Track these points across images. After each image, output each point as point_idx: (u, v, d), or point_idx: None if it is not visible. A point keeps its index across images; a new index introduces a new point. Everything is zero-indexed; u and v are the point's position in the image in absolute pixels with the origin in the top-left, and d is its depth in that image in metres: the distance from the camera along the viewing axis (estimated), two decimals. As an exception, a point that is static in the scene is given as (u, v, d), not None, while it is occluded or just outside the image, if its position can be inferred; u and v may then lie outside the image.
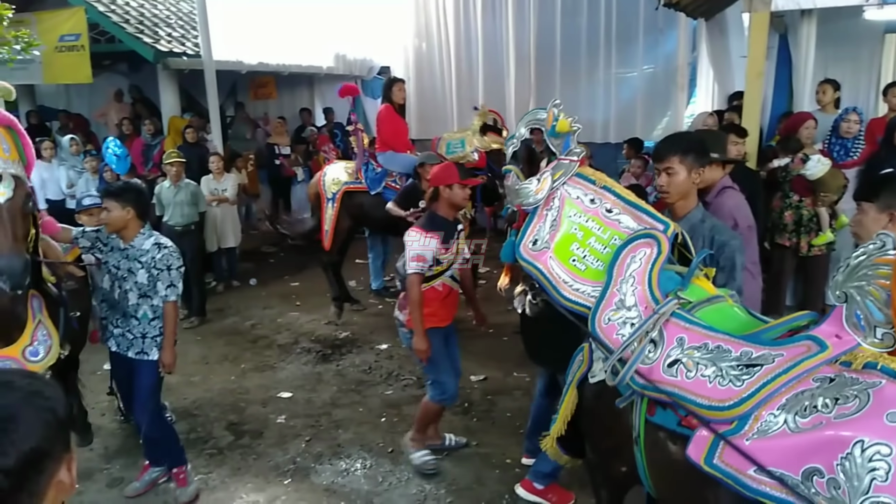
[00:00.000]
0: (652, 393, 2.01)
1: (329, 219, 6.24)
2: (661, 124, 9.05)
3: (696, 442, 1.86)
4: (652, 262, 2.17)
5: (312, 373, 5.21)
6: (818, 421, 1.64)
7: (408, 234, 3.58)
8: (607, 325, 2.16)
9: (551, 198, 2.45)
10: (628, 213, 2.34)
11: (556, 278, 2.35)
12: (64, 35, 8.24)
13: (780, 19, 5.95)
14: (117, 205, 3.38)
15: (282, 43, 9.66)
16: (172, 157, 6.34)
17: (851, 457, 1.54)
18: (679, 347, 1.99)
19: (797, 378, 1.74)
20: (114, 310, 3.53)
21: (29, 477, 0.93)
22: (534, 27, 9.44)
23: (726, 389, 1.83)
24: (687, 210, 2.66)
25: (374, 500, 3.55)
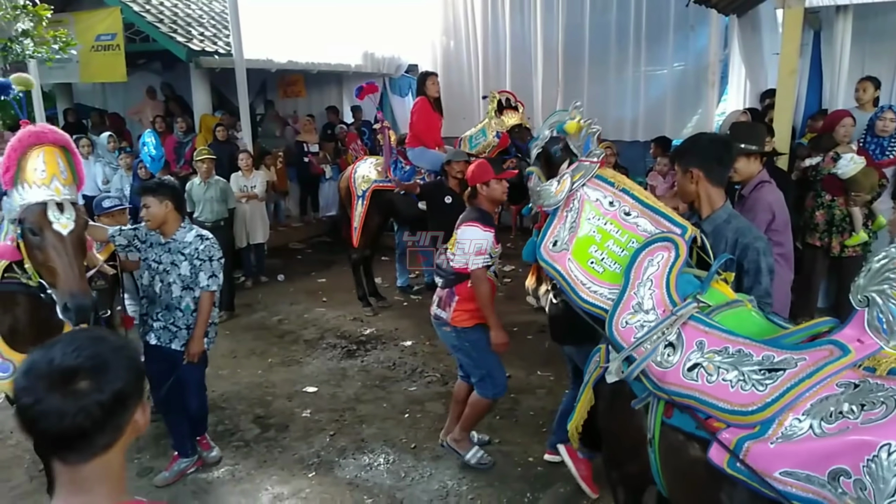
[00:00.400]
0: (672, 397, 2.01)
1: (358, 216, 6.32)
2: (690, 122, 8.94)
3: (717, 446, 1.85)
4: (670, 265, 2.17)
5: (337, 368, 5.27)
6: (844, 426, 1.65)
7: (465, 228, 3.53)
8: (625, 329, 2.17)
9: (571, 199, 2.45)
10: (646, 217, 2.34)
11: (574, 280, 2.36)
12: (100, 34, 8.45)
13: (815, 16, 5.81)
14: (155, 200, 3.48)
15: (311, 41, 9.75)
16: (203, 154, 6.46)
17: (878, 459, 1.55)
18: (699, 351, 1.98)
19: (820, 383, 1.73)
20: (154, 304, 3.60)
21: (116, 412, 1.14)
22: (562, 24, 9.39)
23: (749, 394, 1.82)
24: (711, 210, 2.62)
25: (397, 495, 3.59)
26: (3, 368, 2.96)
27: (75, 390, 1.09)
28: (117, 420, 1.15)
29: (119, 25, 8.35)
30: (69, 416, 1.08)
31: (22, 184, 2.74)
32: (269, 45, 8.95)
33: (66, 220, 2.74)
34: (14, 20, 6.16)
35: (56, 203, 2.74)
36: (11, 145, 2.75)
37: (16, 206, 2.77)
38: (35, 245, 2.74)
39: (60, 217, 2.74)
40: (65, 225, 2.73)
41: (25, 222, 2.74)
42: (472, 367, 3.71)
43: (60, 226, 2.73)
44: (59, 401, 1.08)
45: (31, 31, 6.19)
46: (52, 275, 2.74)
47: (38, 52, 6.31)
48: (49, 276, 2.76)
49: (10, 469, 3.89)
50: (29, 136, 2.74)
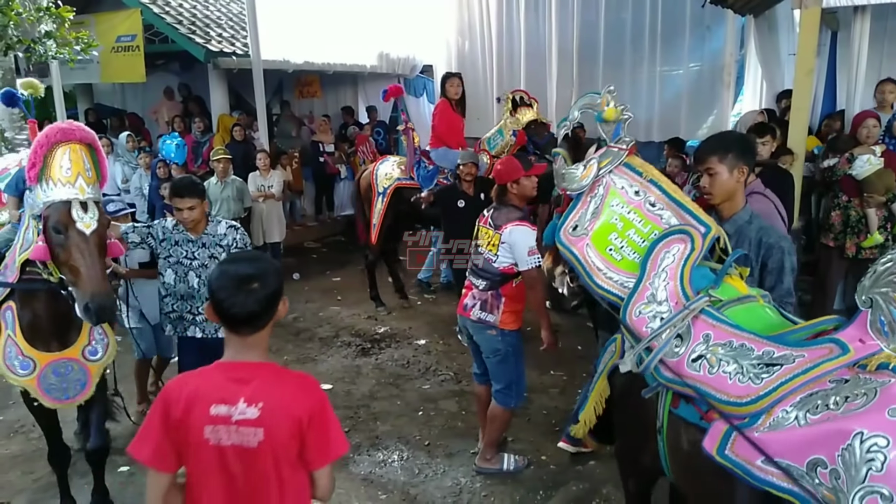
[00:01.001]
0: (676, 386, 2.06)
1: (378, 213, 6.37)
2: (706, 123, 8.89)
3: (711, 434, 1.92)
4: (685, 258, 2.18)
5: (352, 366, 5.33)
6: (826, 417, 1.70)
7: (514, 228, 3.45)
8: (638, 318, 2.19)
9: (596, 185, 2.43)
10: (671, 210, 2.32)
11: (590, 265, 2.37)
12: (120, 36, 8.60)
13: (833, 16, 5.79)
14: (198, 200, 3.50)
15: (327, 42, 9.83)
16: (219, 154, 6.55)
17: (851, 448, 1.59)
18: (704, 343, 2.02)
19: (815, 379, 1.77)
20: (193, 299, 3.60)
21: (272, 304, 1.76)
22: (577, 24, 9.38)
23: (745, 386, 1.88)
24: (733, 211, 2.60)
25: (411, 491, 3.63)
26: (24, 366, 3.00)
27: (251, 289, 1.72)
28: (272, 308, 1.77)
29: (139, 27, 8.48)
30: (248, 305, 1.71)
31: (47, 180, 2.73)
32: (285, 45, 9.04)
33: (90, 220, 2.75)
34: (37, 22, 6.28)
35: (80, 202, 2.74)
36: (38, 141, 2.74)
37: (39, 202, 2.77)
38: (58, 243, 2.75)
39: (84, 216, 2.74)
40: (88, 224, 2.74)
41: (50, 220, 2.74)
42: (501, 373, 3.61)
43: (84, 225, 2.73)
44: (243, 296, 1.71)
45: (53, 32, 6.31)
46: (74, 274, 2.74)
47: (60, 53, 6.42)
48: (71, 274, 2.76)
49: (33, 462, 3.97)
50: (56, 133, 2.73)
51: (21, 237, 3.00)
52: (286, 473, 1.75)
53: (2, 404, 4.72)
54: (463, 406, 4.56)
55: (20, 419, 4.45)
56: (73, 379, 3.07)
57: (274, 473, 1.74)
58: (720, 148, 2.54)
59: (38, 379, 3.00)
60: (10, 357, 3.00)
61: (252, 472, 1.73)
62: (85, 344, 3.12)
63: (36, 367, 3.01)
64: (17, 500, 3.67)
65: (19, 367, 3.00)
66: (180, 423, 1.71)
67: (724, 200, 2.60)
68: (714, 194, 2.58)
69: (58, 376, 3.03)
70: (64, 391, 3.06)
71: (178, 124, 9.04)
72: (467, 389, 4.80)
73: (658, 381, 2.13)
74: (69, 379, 3.06)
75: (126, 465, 3.93)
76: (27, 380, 3.01)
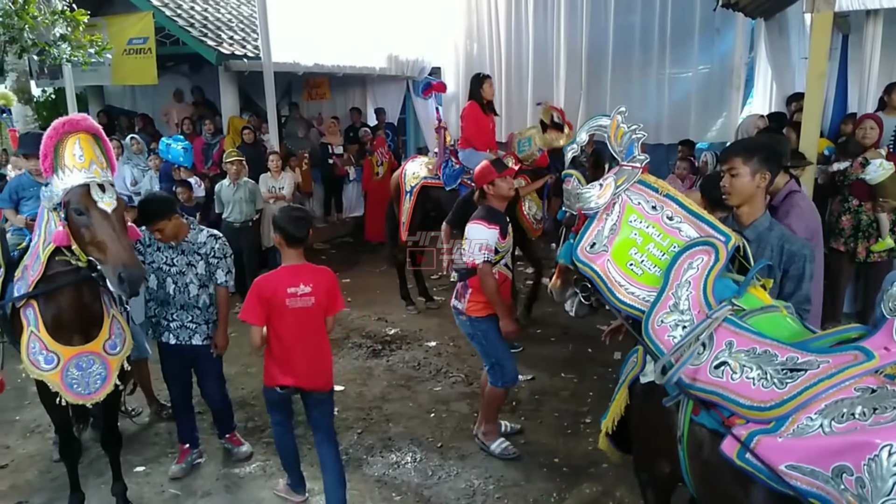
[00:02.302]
0: (699, 393, 2.07)
1: (406, 211, 6.44)
2: (715, 126, 8.91)
3: (729, 439, 1.93)
4: (709, 269, 2.20)
5: (363, 367, 5.36)
6: (853, 427, 1.71)
7: (471, 226, 3.77)
8: (660, 327, 2.21)
9: (612, 203, 2.47)
10: (689, 223, 2.35)
11: (611, 280, 2.39)
12: (132, 38, 8.65)
13: (844, 19, 5.78)
14: (165, 220, 3.54)
15: (336, 45, 9.87)
16: (232, 156, 6.58)
17: (878, 459, 1.60)
18: (727, 350, 2.04)
19: (839, 385, 1.79)
20: (168, 305, 3.68)
21: (305, 239, 3.24)
22: (586, 26, 9.40)
23: (769, 391, 1.89)
24: (753, 217, 2.62)
25: (424, 493, 3.65)
26: (49, 360, 3.07)
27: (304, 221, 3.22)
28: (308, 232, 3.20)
29: (151, 29, 8.53)
30: (304, 230, 3.20)
31: (62, 169, 2.83)
32: (295, 48, 9.07)
33: (109, 199, 2.84)
34: (52, 25, 6.35)
35: (97, 184, 2.83)
36: (48, 134, 2.84)
37: (57, 191, 2.86)
38: (82, 224, 2.83)
39: (104, 196, 2.83)
40: (108, 203, 2.83)
41: (71, 204, 2.82)
42: (484, 356, 3.97)
43: (105, 204, 2.82)
44: (304, 226, 3.20)
45: (68, 35, 6.38)
46: (101, 250, 2.82)
47: (74, 56, 6.49)
48: (98, 252, 2.83)
49: (50, 461, 4.02)
50: (63, 125, 2.83)
51: (42, 233, 3.06)
52: (321, 319, 3.32)
53: (18, 405, 4.77)
54: (475, 408, 4.57)
55: (36, 419, 4.50)
56: (95, 373, 3.15)
57: (319, 319, 3.31)
58: (745, 150, 2.56)
59: (62, 373, 3.08)
60: (34, 352, 3.07)
61: (309, 320, 3.26)
62: (106, 338, 3.20)
63: (60, 362, 3.07)
64: (34, 499, 3.71)
65: (44, 361, 3.07)
66: (270, 300, 3.19)
67: (741, 203, 2.60)
68: (732, 194, 2.60)
69: (80, 370, 3.10)
70: (86, 386, 3.13)
71: (188, 126, 9.09)
72: (478, 392, 4.81)
73: (680, 390, 2.14)
74: (91, 373, 3.13)
75: (142, 466, 3.98)
76: (51, 374, 3.08)
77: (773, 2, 6.54)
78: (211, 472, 3.92)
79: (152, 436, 4.35)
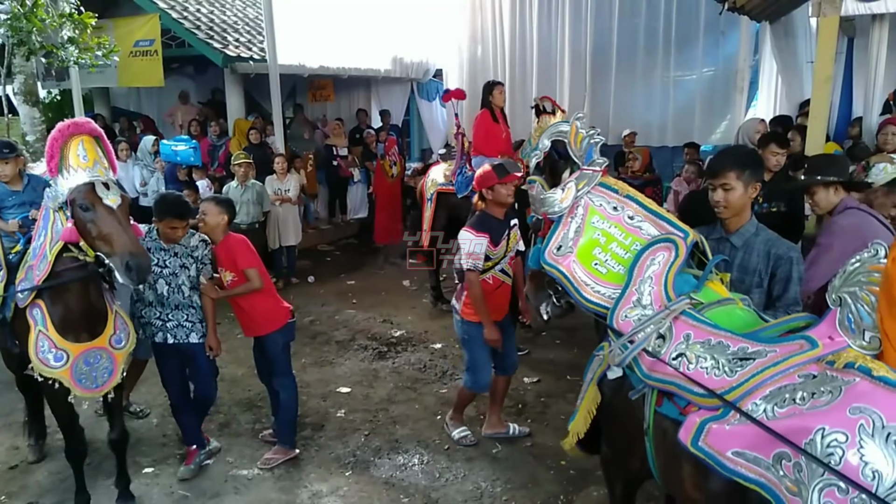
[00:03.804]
0: (659, 384, 2.17)
1: (427, 218, 6.51)
2: (719, 128, 8.93)
3: (685, 426, 2.01)
4: (669, 264, 2.31)
5: (369, 369, 5.37)
6: (792, 412, 1.77)
7: (461, 234, 3.85)
8: (624, 322, 2.32)
9: (575, 206, 2.57)
10: (650, 221, 2.46)
11: (577, 280, 2.50)
12: (139, 40, 8.69)
13: (850, 23, 5.81)
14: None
15: (341, 47, 9.91)
16: (241, 158, 6.61)
17: (813, 443, 1.65)
18: (685, 342, 2.14)
19: (784, 373, 1.86)
20: (163, 306, 3.72)
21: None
22: (590, 29, 9.42)
23: (720, 380, 1.97)
24: (740, 224, 2.65)
25: (432, 495, 3.67)
26: (58, 358, 3.13)
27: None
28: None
29: (157, 32, 8.57)
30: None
31: (67, 169, 2.92)
32: (301, 50, 9.12)
33: (114, 196, 2.94)
34: (59, 28, 6.38)
35: (102, 182, 2.92)
36: (53, 136, 2.93)
37: (63, 190, 2.94)
38: (88, 220, 2.91)
39: (108, 193, 2.92)
40: (113, 200, 2.93)
41: (77, 201, 2.91)
42: (465, 356, 4.13)
43: (110, 201, 2.92)
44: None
45: (76, 38, 6.40)
46: (108, 243, 2.90)
47: (81, 58, 6.52)
48: (105, 245, 2.91)
49: (60, 462, 4.02)
50: (68, 127, 2.93)
51: (49, 233, 3.11)
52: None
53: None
54: (480, 410, 4.59)
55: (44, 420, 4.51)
56: (102, 367, 3.23)
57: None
58: (738, 164, 2.58)
59: (71, 369, 3.14)
60: (43, 350, 3.13)
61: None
62: (111, 334, 3.27)
63: (69, 358, 3.14)
64: (44, 499, 3.73)
65: (53, 359, 3.13)
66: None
67: (733, 215, 2.64)
68: (728, 208, 2.61)
69: (88, 365, 3.18)
70: (94, 380, 3.21)
71: (195, 128, 9.12)
72: (483, 395, 4.83)
73: (644, 382, 2.24)
74: (98, 367, 3.21)
75: (150, 467, 4.00)
76: (61, 371, 3.13)
77: (779, 5, 6.55)
78: (219, 473, 3.93)
79: (160, 437, 4.37)
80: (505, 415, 4.42)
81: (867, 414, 1.60)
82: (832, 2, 4.58)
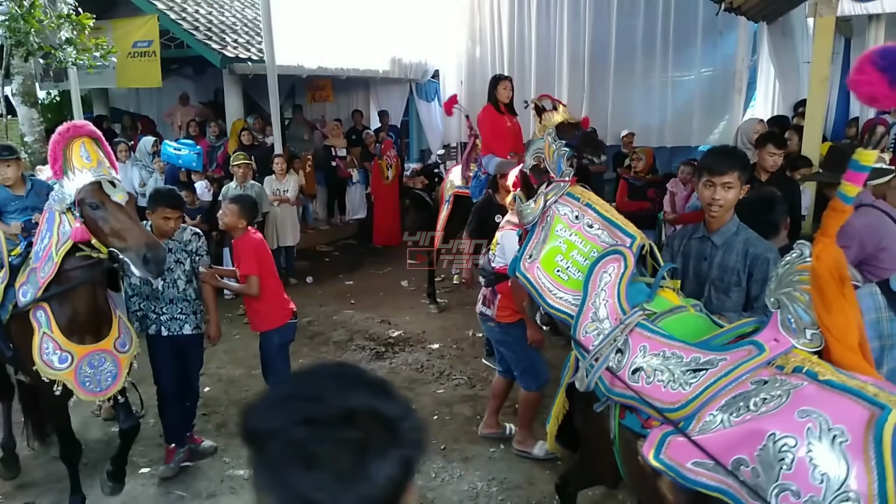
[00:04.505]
0: (621, 399, 2.19)
1: (442, 219, 6.48)
2: (717, 129, 8.94)
3: (649, 440, 2.04)
4: (620, 276, 2.35)
5: (367, 370, 5.36)
6: (746, 418, 1.80)
7: (506, 234, 3.72)
8: (585, 337, 2.35)
9: (545, 216, 2.66)
10: (605, 229, 2.54)
11: (541, 287, 2.57)
12: (137, 41, 8.69)
13: (847, 23, 5.81)
14: (181, 212, 3.76)
15: (340, 48, 9.91)
16: (240, 159, 6.61)
17: (766, 448, 1.69)
18: (642, 355, 2.15)
19: (737, 380, 1.88)
20: (157, 300, 3.75)
21: None
22: (589, 30, 9.43)
23: (676, 393, 2.00)
24: (721, 223, 2.67)
25: (428, 495, 3.67)
26: (62, 360, 3.13)
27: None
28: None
29: (156, 32, 8.57)
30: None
31: (72, 170, 2.95)
32: (300, 51, 9.12)
33: (121, 193, 3.00)
34: (57, 29, 6.38)
35: (108, 181, 2.96)
36: (53, 139, 2.98)
37: (69, 191, 2.97)
38: (99, 217, 2.95)
39: (115, 191, 2.98)
40: (121, 196, 2.98)
41: (86, 200, 2.94)
42: (514, 361, 3.93)
43: (118, 197, 2.97)
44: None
45: (73, 39, 6.40)
46: (121, 237, 2.94)
47: (79, 59, 6.52)
48: (119, 239, 2.95)
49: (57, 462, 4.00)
50: (68, 130, 2.97)
51: (55, 234, 3.11)
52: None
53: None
54: (477, 410, 4.59)
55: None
56: (107, 370, 3.23)
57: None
58: (738, 165, 2.62)
59: (76, 371, 3.14)
60: (47, 352, 3.12)
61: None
62: (116, 337, 3.28)
63: (73, 360, 3.14)
64: (41, 500, 3.74)
65: (57, 361, 3.12)
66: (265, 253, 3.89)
67: (725, 213, 2.66)
68: (725, 207, 2.63)
69: (92, 368, 3.18)
70: (98, 383, 3.21)
71: (194, 129, 9.13)
72: (481, 394, 4.84)
73: (606, 396, 2.26)
74: (102, 371, 3.21)
75: (147, 467, 4.00)
76: (65, 373, 3.13)
77: (776, 5, 6.56)
78: (216, 473, 3.94)
79: (157, 437, 4.35)
80: (501, 415, 4.42)
81: (814, 417, 1.63)
82: (828, 2, 4.59)
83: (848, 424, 1.58)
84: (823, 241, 1.82)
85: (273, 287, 4.01)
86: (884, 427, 1.52)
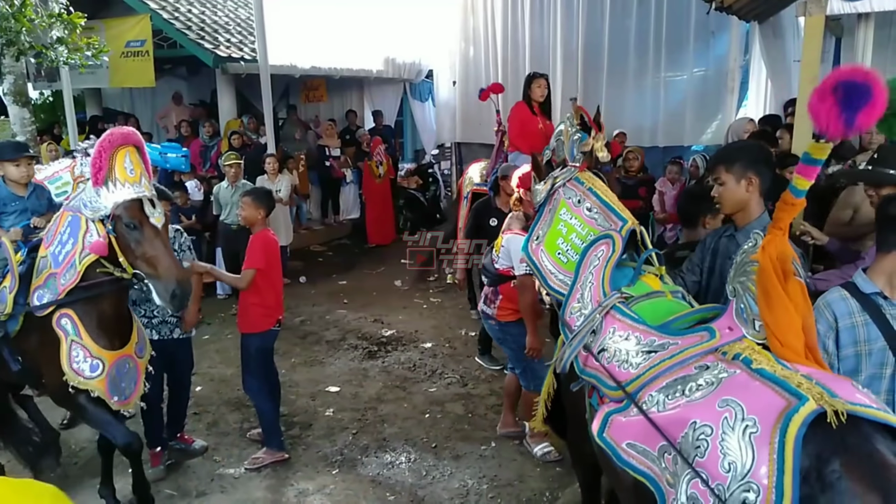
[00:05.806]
0: (587, 378, 2.26)
1: (462, 216, 6.46)
2: (710, 129, 8.93)
3: (596, 418, 2.08)
4: (607, 260, 2.38)
5: (359, 369, 5.38)
6: (677, 404, 1.81)
7: (513, 238, 3.68)
8: (570, 317, 2.41)
9: (552, 198, 2.72)
10: (602, 213, 2.58)
11: (545, 269, 2.64)
12: (130, 41, 8.67)
13: (837, 23, 5.84)
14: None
15: (334, 47, 9.90)
16: (231, 158, 6.60)
17: (687, 436, 1.70)
18: (610, 336, 2.19)
19: (682, 364, 1.89)
20: (149, 301, 3.66)
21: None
22: (582, 30, 9.44)
23: (626, 372, 2.03)
24: (747, 221, 2.51)
25: (418, 493, 3.67)
26: (94, 367, 3.05)
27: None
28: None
29: (148, 32, 8.55)
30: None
31: (113, 181, 2.84)
32: (293, 51, 9.11)
33: (159, 214, 2.93)
34: (49, 28, 6.36)
35: (148, 199, 2.89)
36: (101, 145, 2.84)
37: (105, 203, 2.86)
38: (134, 239, 2.88)
39: (154, 212, 2.90)
40: (158, 218, 2.91)
41: (123, 218, 2.86)
42: (514, 360, 3.99)
43: (156, 220, 2.90)
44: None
45: (65, 38, 6.38)
46: (153, 265, 2.87)
47: (71, 58, 6.50)
48: (149, 267, 2.88)
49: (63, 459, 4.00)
50: (118, 138, 2.86)
51: (80, 242, 3.02)
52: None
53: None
54: (469, 409, 4.60)
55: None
56: (130, 377, 3.17)
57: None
58: (726, 158, 2.51)
59: (107, 379, 3.06)
60: (77, 360, 3.03)
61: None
62: (136, 342, 3.25)
63: (104, 367, 3.06)
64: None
65: (88, 369, 3.03)
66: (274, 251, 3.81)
67: (734, 211, 2.54)
68: (722, 204, 2.55)
69: (119, 374, 3.11)
70: (122, 391, 3.13)
71: (186, 129, 9.11)
72: (473, 392, 4.85)
73: (580, 376, 2.31)
74: (127, 377, 3.15)
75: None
76: (97, 381, 3.05)
77: (767, 5, 6.58)
78: (206, 472, 3.93)
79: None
80: (494, 413, 4.43)
81: (732, 406, 1.64)
82: (818, 1, 4.60)
83: (760, 415, 1.57)
84: (774, 232, 1.80)
85: (270, 288, 3.95)
86: (791, 419, 1.51)
